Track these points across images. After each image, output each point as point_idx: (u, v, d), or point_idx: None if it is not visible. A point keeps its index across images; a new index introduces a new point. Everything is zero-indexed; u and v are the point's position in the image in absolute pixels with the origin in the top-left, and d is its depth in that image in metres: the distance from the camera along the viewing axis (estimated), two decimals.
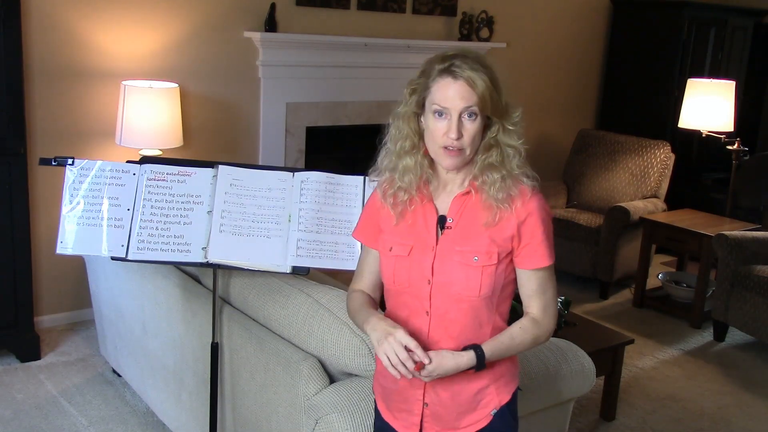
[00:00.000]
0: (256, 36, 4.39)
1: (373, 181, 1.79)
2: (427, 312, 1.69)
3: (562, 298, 3.42)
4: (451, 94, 1.59)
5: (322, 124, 4.87)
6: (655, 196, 5.28)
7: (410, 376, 1.61)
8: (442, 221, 1.70)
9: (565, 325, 3.36)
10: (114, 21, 3.99)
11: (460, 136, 1.60)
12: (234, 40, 4.40)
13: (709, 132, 5.03)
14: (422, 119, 1.67)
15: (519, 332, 1.70)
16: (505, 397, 1.77)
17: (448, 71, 1.60)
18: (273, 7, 4.42)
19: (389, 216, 1.74)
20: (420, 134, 1.69)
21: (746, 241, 4.36)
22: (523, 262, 1.69)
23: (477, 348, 1.64)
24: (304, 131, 4.81)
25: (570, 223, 5.13)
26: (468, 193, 1.68)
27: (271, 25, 4.42)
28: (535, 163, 1.84)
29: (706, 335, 4.55)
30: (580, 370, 2.60)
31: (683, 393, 3.80)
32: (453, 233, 1.68)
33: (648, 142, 5.39)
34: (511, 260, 1.69)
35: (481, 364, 1.65)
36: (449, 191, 1.71)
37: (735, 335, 4.54)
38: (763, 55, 6.75)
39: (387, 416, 1.84)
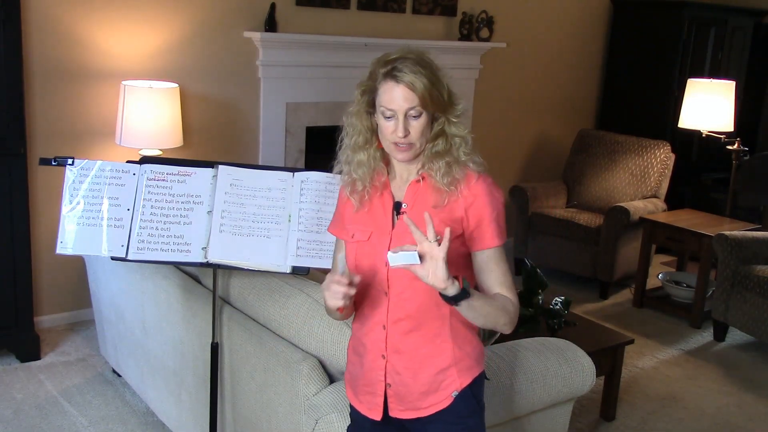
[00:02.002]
0: (256, 36, 4.39)
1: (337, 174, 1.88)
2: (385, 293, 1.78)
3: (562, 298, 3.42)
4: (395, 97, 1.70)
5: (322, 124, 4.87)
6: (655, 196, 5.28)
7: (351, 291, 1.67)
8: (397, 207, 1.80)
9: (565, 325, 3.36)
10: (114, 21, 3.99)
11: (407, 133, 1.71)
12: (234, 40, 4.40)
13: (709, 132, 5.03)
14: (375, 117, 1.77)
15: (497, 295, 1.76)
16: (466, 380, 1.82)
17: (390, 75, 1.71)
18: (273, 7, 4.42)
19: (352, 206, 1.84)
20: (373, 130, 1.80)
21: (746, 241, 4.36)
22: (474, 243, 1.76)
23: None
24: (304, 131, 4.81)
25: (570, 223, 5.13)
26: (420, 180, 1.78)
27: (271, 25, 4.42)
28: (535, 163, 1.87)
29: (706, 335, 4.55)
30: (580, 370, 2.60)
31: (683, 393, 3.80)
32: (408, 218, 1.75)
33: (648, 142, 5.39)
34: (463, 243, 1.76)
35: (464, 293, 1.61)
36: (405, 180, 1.81)
37: (735, 335, 4.54)
38: (763, 55, 6.75)
39: (354, 402, 1.91)
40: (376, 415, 1.84)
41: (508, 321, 1.75)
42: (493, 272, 1.77)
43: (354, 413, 1.93)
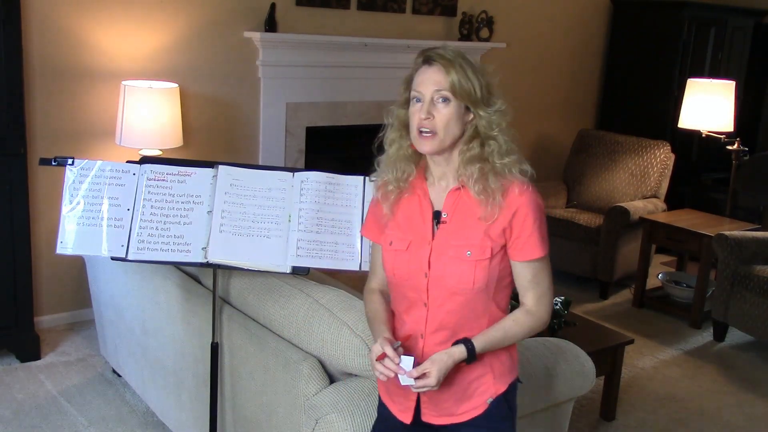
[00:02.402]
0: (256, 36, 4.39)
1: (372, 180, 1.86)
2: (425, 304, 1.75)
3: (562, 298, 3.42)
4: (425, 79, 1.68)
5: (322, 124, 4.87)
6: (655, 196, 5.28)
7: (399, 373, 1.67)
8: (437, 216, 1.75)
9: (565, 325, 3.36)
10: (114, 21, 3.99)
11: (429, 116, 1.67)
12: (234, 40, 4.40)
13: (709, 132, 5.03)
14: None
15: (512, 325, 1.74)
16: (501, 387, 1.80)
17: (425, 60, 1.69)
18: (273, 7, 4.42)
19: (390, 209, 1.81)
20: (408, 126, 1.75)
21: (746, 241, 4.36)
22: (516, 254, 1.73)
23: (467, 342, 1.70)
24: (304, 131, 4.81)
25: (570, 223, 5.13)
26: (461, 188, 1.73)
27: (271, 25, 4.42)
28: (535, 163, 1.85)
29: (706, 335, 4.55)
30: (580, 370, 2.60)
31: (683, 393, 3.80)
32: (448, 228, 1.73)
33: (648, 142, 5.39)
34: (506, 253, 1.73)
35: (472, 356, 1.70)
36: (444, 187, 1.76)
37: (735, 335, 4.54)
38: (763, 55, 6.75)
39: (386, 399, 1.89)
40: (407, 418, 1.83)
41: (526, 335, 1.77)
42: (530, 282, 1.75)
43: (384, 411, 1.90)
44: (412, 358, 1.68)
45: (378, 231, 1.85)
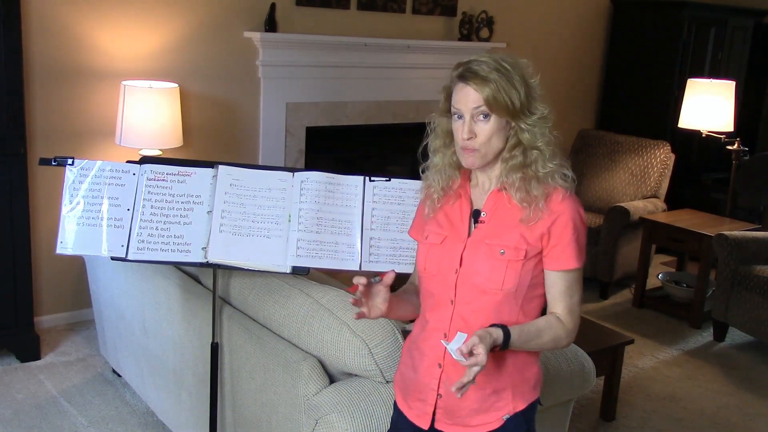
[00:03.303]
0: (256, 36, 4.39)
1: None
2: (451, 301, 1.73)
3: None
4: (462, 98, 1.67)
5: (322, 124, 4.87)
6: (655, 196, 5.28)
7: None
8: (476, 215, 1.75)
9: None
10: (114, 21, 3.99)
11: (472, 135, 1.67)
12: (234, 40, 4.40)
13: (709, 132, 5.04)
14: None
15: (545, 325, 1.70)
16: (520, 405, 1.77)
17: (460, 76, 1.68)
18: (273, 7, 4.42)
19: (432, 209, 1.82)
20: (451, 134, 1.75)
21: (746, 241, 4.36)
22: (551, 262, 1.71)
23: (504, 326, 1.64)
24: (304, 131, 4.81)
25: None
26: (502, 190, 1.73)
27: (271, 25, 4.42)
28: None
29: (706, 335, 4.55)
30: (580, 370, 2.60)
31: (683, 393, 3.80)
32: (486, 227, 1.73)
33: (648, 142, 5.40)
34: (541, 260, 1.71)
35: (506, 342, 1.62)
36: (487, 188, 1.77)
37: (735, 335, 4.54)
38: (763, 55, 6.75)
39: (402, 406, 1.86)
40: (424, 424, 1.79)
41: (552, 343, 1.71)
42: (562, 293, 1.72)
43: (398, 418, 1.87)
44: (466, 335, 1.60)
45: (421, 231, 1.86)
